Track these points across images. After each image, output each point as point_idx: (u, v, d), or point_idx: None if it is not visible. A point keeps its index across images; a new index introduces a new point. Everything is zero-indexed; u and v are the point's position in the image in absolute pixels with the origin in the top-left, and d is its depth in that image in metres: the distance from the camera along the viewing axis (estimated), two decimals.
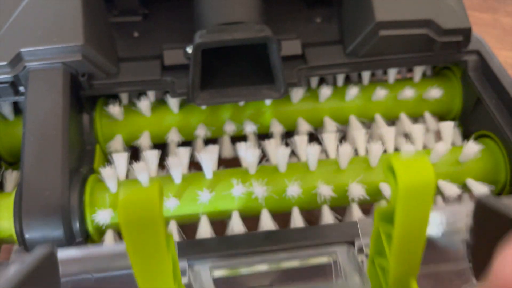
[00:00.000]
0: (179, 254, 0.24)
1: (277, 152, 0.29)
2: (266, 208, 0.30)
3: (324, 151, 0.32)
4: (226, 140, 0.35)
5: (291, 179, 0.29)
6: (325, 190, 0.29)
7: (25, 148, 0.28)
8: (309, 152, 0.30)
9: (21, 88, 0.30)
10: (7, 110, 0.33)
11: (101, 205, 0.28)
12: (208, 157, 0.29)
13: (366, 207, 0.31)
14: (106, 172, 0.28)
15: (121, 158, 0.30)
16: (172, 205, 0.28)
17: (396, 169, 0.18)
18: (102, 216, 0.28)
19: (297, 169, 0.30)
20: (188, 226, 0.30)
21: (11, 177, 0.32)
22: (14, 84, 0.30)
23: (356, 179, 0.29)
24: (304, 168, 0.30)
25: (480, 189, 0.30)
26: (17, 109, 0.34)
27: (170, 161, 0.29)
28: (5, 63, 0.29)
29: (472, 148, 0.30)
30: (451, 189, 0.29)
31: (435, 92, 0.34)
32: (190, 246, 0.27)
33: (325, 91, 0.33)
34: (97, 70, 0.30)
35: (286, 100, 0.35)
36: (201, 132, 0.33)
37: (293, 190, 0.29)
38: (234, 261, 0.26)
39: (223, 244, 0.27)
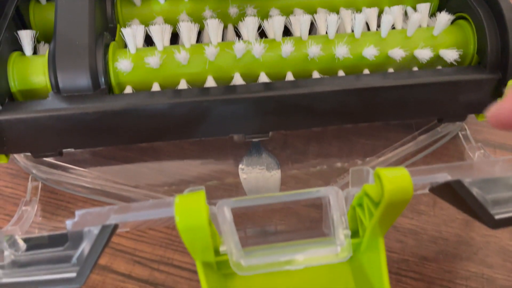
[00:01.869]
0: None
1: (274, 21, 0.34)
2: (263, 70, 0.34)
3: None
4: (230, 28, 0.39)
5: (285, 41, 0.34)
6: (315, 50, 0.33)
7: (58, 10, 0.33)
8: (301, 21, 0.34)
9: None
10: None
11: (120, 58, 0.33)
12: (214, 24, 0.34)
13: None
14: (126, 31, 0.33)
15: (139, 28, 0.34)
16: (182, 58, 0.33)
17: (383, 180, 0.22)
18: (124, 64, 0.32)
19: (292, 38, 0.35)
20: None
21: (44, 48, 0.37)
22: None
23: (342, 41, 0.34)
24: (298, 39, 0.35)
25: (451, 55, 0.34)
26: None
27: (182, 25, 0.33)
28: None
29: (444, 17, 0.34)
30: (424, 53, 0.34)
31: None
32: (196, 92, 0.32)
33: None
34: None
35: None
36: (208, 13, 0.38)
37: (287, 48, 0.33)
38: None
39: (225, 90, 0.32)
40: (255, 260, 0.22)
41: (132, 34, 0.33)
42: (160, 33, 0.33)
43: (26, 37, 0.34)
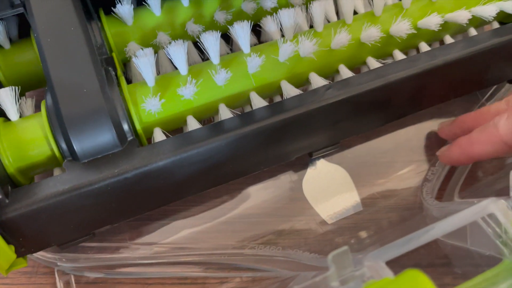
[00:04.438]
0: None
1: (314, 7, 0.28)
2: (312, 70, 0.28)
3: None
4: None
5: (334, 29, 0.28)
6: (371, 32, 0.27)
7: (45, 50, 0.24)
8: (344, 3, 0.28)
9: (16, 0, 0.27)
10: (2, 37, 0.29)
11: (144, 96, 0.26)
12: (244, 27, 0.27)
13: None
14: (143, 61, 0.25)
15: (147, 52, 0.27)
16: (221, 78, 0.26)
17: None
18: (152, 103, 0.25)
19: (332, 25, 0.29)
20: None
21: (26, 105, 0.28)
22: None
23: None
24: (340, 23, 0.29)
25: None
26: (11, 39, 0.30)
27: (205, 36, 0.26)
28: None
29: None
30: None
31: None
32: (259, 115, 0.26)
33: None
34: None
35: None
36: (220, 16, 0.31)
37: (341, 38, 0.27)
38: None
39: (292, 104, 0.26)
40: None
41: (150, 63, 0.25)
42: (184, 54, 0.26)
43: (7, 96, 0.25)
